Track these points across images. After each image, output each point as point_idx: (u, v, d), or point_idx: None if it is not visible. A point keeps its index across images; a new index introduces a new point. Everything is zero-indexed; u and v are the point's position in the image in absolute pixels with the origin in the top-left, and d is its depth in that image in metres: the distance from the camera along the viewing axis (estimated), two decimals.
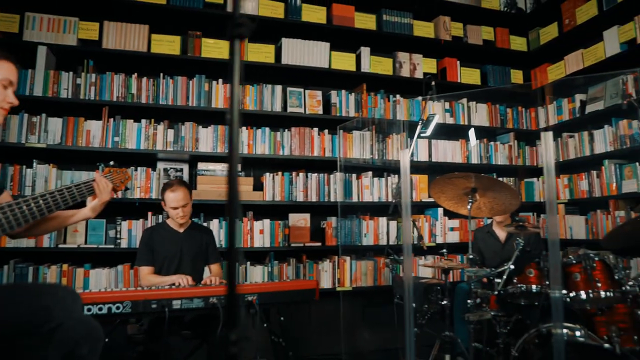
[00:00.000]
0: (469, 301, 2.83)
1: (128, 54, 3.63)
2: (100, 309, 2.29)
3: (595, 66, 4.05)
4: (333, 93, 4.07)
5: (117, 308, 2.32)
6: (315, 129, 3.96)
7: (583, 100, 4.19)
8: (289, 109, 3.96)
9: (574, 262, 2.73)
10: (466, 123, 4.37)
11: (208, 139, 3.74)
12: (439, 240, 4.15)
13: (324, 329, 3.85)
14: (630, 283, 2.61)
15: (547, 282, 2.74)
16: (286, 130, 3.91)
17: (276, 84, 3.95)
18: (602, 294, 2.66)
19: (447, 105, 4.35)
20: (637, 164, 3.67)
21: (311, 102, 4.02)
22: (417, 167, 4.22)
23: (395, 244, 3.89)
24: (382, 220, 4.02)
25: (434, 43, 4.41)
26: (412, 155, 4.17)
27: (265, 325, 2.73)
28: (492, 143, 4.44)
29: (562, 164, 4.35)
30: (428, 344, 3.14)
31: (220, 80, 3.81)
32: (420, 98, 4.29)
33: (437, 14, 4.46)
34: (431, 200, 4.11)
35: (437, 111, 4.30)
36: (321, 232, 4.00)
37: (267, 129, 3.86)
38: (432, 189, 3.00)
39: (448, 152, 4.28)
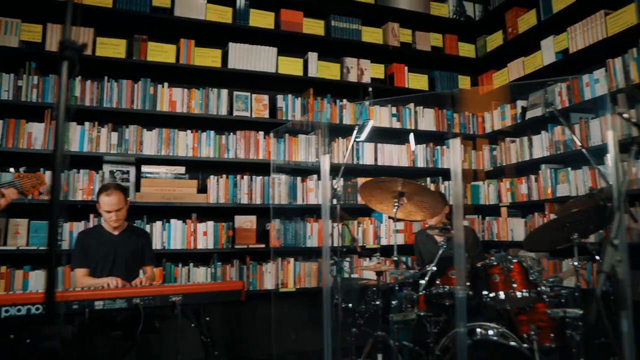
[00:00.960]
0: (392, 302, 2.91)
1: None
2: (19, 310, 2.32)
3: (534, 73, 4.18)
4: (279, 97, 4.15)
5: (37, 309, 2.35)
6: (261, 133, 4.02)
7: (524, 107, 4.32)
8: (235, 113, 4.01)
9: (495, 263, 2.84)
10: (413, 127, 4.47)
11: (152, 142, 3.78)
12: (384, 242, 4.24)
13: (268, 329, 3.90)
14: (544, 283, 2.73)
15: (469, 283, 2.84)
16: (232, 133, 3.97)
17: (222, 88, 4.00)
18: (518, 294, 2.77)
19: (394, 110, 4.45)
20: (569, 169, 3.81)
21: (258, 106, 4.08)
22: (362, 170, 4.31)
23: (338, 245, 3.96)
24: (331, 223, 4.09)
25: (383, 49, 4.50)
26: (357, 159, 4.26)
27: (192, 325, 2.79)
28: (438, 147, 4.54)
29: (505, 168, 4.48)
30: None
31: (166, 84, 3.85)
32: (367, 103, 4.37)
33: (386, 20, 4.55)
34: None
35: (384, 116, 4.39)
36: (266, 234, 4.07)
37: (212, 132, 3.91)
38: (361, 193, 3.09)
39: (394, 155, 4.38)
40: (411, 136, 4.28)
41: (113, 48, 3.76)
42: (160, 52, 3.87)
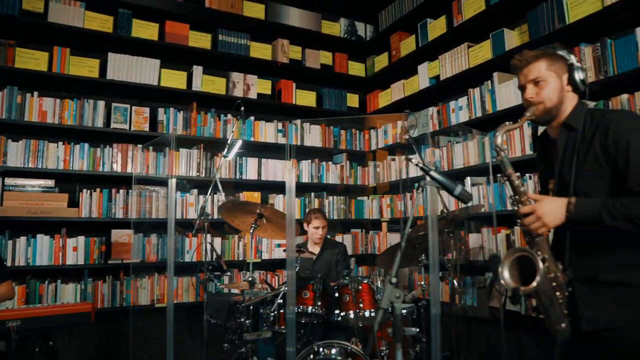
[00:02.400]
0: (247, 321, 2.97)
1: None
2: None
3: (413, 96, 4.40)
4: (161, 110, 4.10)
5: None
6: (139, 146, 3.96)
7: (404, 127, 4.53)
8: (113, 125, 3.92)
9: (346, 283, 2.96)
10: (299, 143, 4.57)
11: (19, 153, 3.62)
12: (265, 256, 4.30)
13: (140, 346, 3.85)
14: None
15: (319, 303, 2.95)
16: (108, 146, 3.88)
17: (100, 99, 3.90)
18: (366, 313, 2.91)
19: (280, 125, 4.52)
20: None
21: (137, 118, 4.02)
22: (247, 185, 4.36)
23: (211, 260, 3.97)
24: (207, 237, 4.09)
25: (271, 65, 4.55)
26: (240, 173, 4.29)
27: (37, 350, 2.70)
28: (323, 163, 4.67)
29: (389, 184, 4.68)
30: None
31: (36, 93, 3.70)
32: (252, 118, 4.41)
33: (276, 36, 4.61)
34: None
35: (270, 131, 4.45)
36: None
37: (86, 144, 3.80)
38: (222, 212, 3.13)
39: (278, 170, 4.45)
40: (286, 147, 4.36)
41: None
42: (30, 59, 3.71)
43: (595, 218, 1.61)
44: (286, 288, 2.93)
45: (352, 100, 4.99)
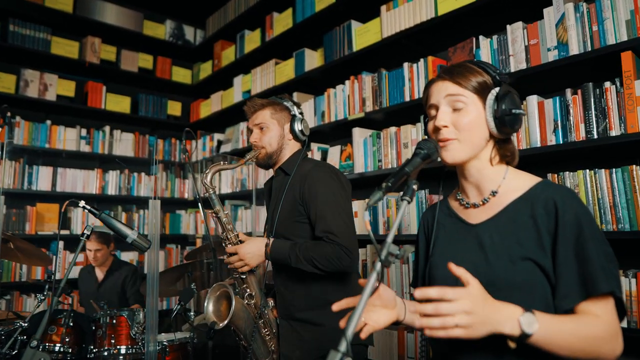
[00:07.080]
0: None
1: None
2: None
3: (229, 108, 4.21)
4: None
5: None
6: None
7: (220, 140, 4.36)
8: None
9: (97, 318, 2.69)
10: (106, 152, 4.21)
11: None
12: (58, 276, 3.90)
13: None
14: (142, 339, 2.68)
15: (68, 339, 2.66)
16: None
17: None
18: (122, 349, 2.68)
19: (84, 131, 4.13)
20: (244, 207, 3.92)
21: None
22: (39, 196, 3.92)
23: None
24: None
25: (78, 64, 4.14)
26: (29, 184, 3.85)
27: None
28: (135, 174, 4.35)
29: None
30: None
31: None
32: (49, 122, 3.99)
33: (86, 33, 4.21)
34: (50, 233, 3.87)
35: (70, 137, 4.05)
36: None
37: None
38: None
39: (79, 181, 4.06)
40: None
41: None
42: None
43: (286, 259, 1.70)
44: (25, 324, 2.60)
45: (174, 108, 4.71)
